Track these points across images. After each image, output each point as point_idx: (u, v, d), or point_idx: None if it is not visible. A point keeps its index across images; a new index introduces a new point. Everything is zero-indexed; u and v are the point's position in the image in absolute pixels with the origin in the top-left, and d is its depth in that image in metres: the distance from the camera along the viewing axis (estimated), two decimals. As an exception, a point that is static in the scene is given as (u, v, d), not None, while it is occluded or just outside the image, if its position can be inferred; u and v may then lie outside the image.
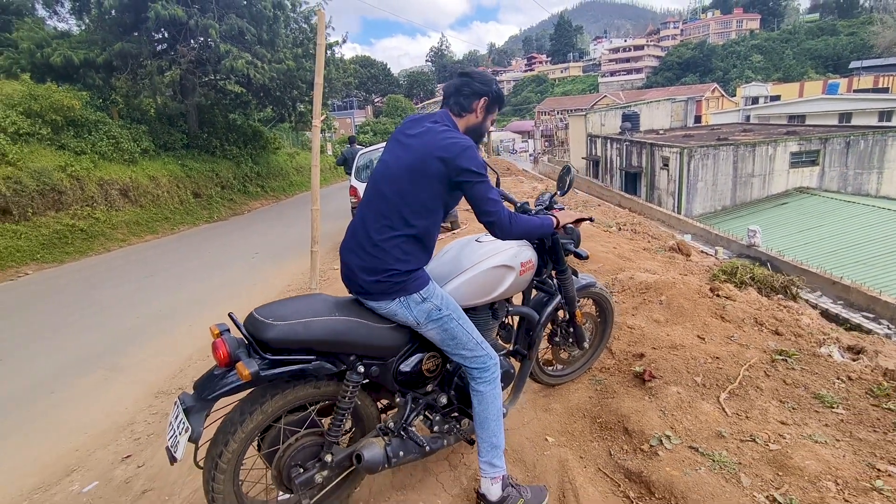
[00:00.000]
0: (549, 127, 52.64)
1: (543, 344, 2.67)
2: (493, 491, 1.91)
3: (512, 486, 1.97)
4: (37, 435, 3.35)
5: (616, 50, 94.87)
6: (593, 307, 2.90)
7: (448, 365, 2.09)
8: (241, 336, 1.63)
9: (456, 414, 2.17)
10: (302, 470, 1.78)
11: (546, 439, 2.44)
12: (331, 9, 16.37)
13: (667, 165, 18.70)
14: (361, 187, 7.81)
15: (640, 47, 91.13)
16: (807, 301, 7.21)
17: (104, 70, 13.48)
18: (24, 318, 5.93)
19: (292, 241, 9.38)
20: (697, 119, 35.84)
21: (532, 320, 2.41)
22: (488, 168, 1.84)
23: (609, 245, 5.35)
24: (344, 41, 18.04)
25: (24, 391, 3.99)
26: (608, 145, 24.78)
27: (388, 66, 73.99)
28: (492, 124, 2.08)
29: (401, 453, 1.91)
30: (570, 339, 2.72)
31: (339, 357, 1.74)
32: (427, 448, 1.99)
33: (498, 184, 2.33)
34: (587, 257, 2.49)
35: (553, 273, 2.45)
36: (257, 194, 17.50)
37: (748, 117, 31.93)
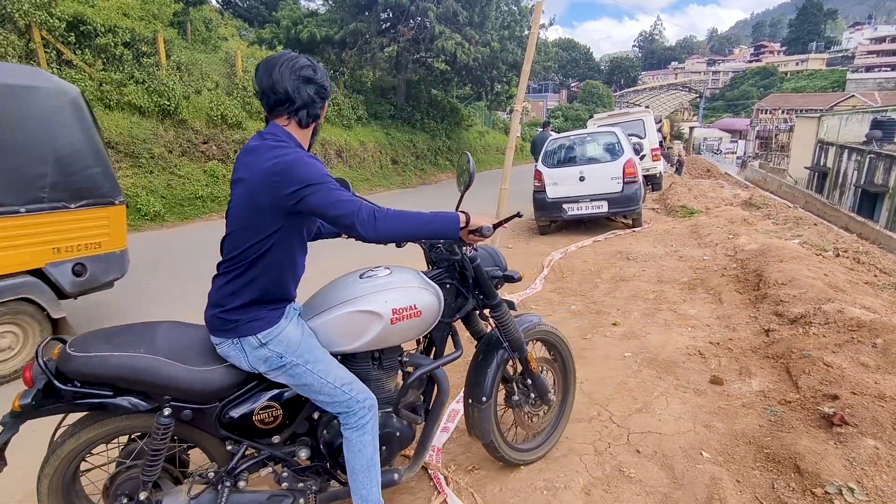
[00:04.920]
0: (767, 127, 45.72)
1: (500, 401, 2.25)
2: None
3: None
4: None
5: (881, 39, 76.75)
6: (545, 351, 2.43)
7: (316, 413, 1.79)
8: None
9: (337, 472, 1.84)
10: (126, 500, 1.66)
11: (701, 453, 2.34)
12: (541, -9, 16.47)
13: (926, 188, 15.00)
14: (547, 173, 7.84)
15: (920, 36, 72.26)
16: None
17: (338, 46, 15.67)
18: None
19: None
20: None
21: (420, 368, 1.88)
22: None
23: (819, 271, 4.61)
24: (551, 24, 18.15)
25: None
26: (844, 156, 20.66)
27: (591, 50, 71.40)
28: None
29: None
30: (532, 394, 2.23)
31: (151, 395, 1.58)
32: None
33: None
34: (520, 279, 2.09)
35: (487, 312, 2.04)
36: (445, 167, 18.75)
37: None
